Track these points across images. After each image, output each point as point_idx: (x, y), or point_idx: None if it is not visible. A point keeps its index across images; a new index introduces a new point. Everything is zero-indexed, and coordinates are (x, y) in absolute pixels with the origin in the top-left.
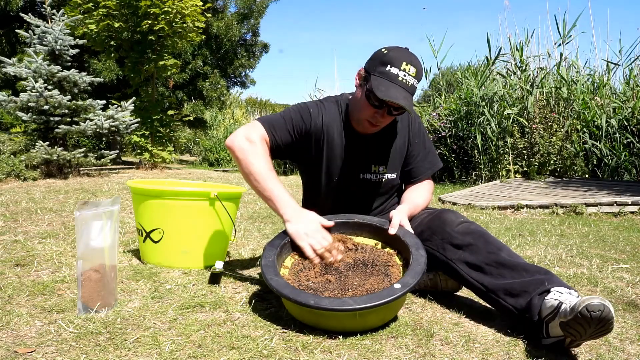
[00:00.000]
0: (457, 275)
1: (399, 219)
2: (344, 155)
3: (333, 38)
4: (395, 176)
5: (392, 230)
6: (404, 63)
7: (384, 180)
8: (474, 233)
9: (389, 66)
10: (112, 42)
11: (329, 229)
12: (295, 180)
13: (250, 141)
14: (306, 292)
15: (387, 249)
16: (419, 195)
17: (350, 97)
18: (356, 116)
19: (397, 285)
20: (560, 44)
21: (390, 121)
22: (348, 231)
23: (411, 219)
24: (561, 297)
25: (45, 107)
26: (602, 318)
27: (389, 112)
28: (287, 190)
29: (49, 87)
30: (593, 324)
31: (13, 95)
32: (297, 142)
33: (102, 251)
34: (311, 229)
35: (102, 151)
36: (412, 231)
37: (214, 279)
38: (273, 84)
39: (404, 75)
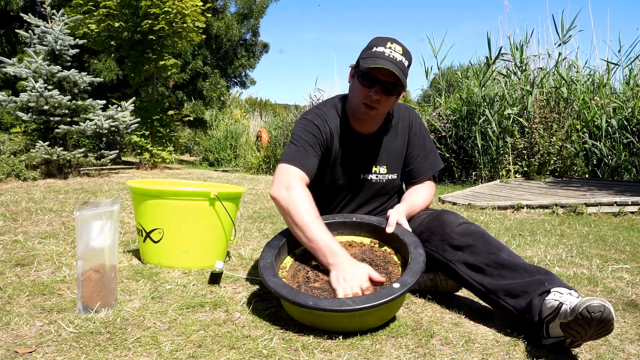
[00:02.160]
0: (457, 276)
1: (396, 217)
2: (346, 157)
3: (333, 38)
4: (396, 177)
5: (390, 229)
6: (389, 42)
7: (384, 180)
8: (474, 234)
9: (374, 47)
10: (112, 42)
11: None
12: None
13: (290, 189)
14: (304, 292)
15: (385, 248)
16: (419, 196)
17: (341, 97)
18: (353, 105)
19: (396, 285)
20: (560, 44)
21: (387, 106)
22: (346, 231)
23: (410, 219)
24: (561, 298)
25: (45, 107)
26: (603, 319)
27: (383, 92)
28: (333, 238)
29: (49, 87)
30: (593, 325)
31: (13, 95)
32: (319, 159)
33: (102, 251)
34: (349, 277)
35: (102, 151)
36: (410, 230)
37: (214, 279)
38: (273, 84)
39: (390, 52)
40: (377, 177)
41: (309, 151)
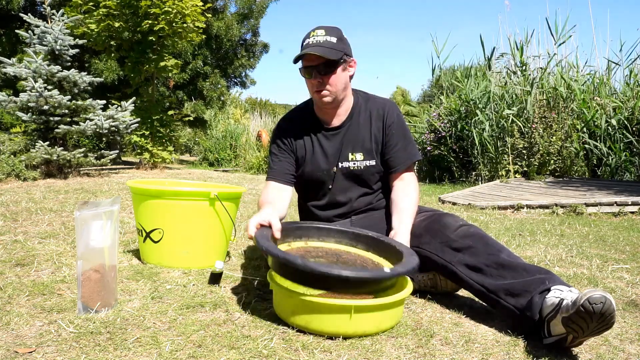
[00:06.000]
0: (457, 277)
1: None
2: (320, 149)
3: None
4: (374, 163)
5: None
6: (312, 32)
7: (362, 167)
8: (474, 236)
9: (303, 42)
10: (112, 42)
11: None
12: None
13: (261, 203)
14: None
15: (381, 260)
16: (410, 202)
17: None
18: (313, 100)
19: (386, 269)
20: (559, 45)
21: (337, 83)
22: (344, 240)
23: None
24: (562, 295)
25: (45, 107)
26: (604, 311)
27: (320, 73)
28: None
29: (49, 87)
30: (595, 317)
31: (13, 95)
32: (292, 156)
33: (102, 251)
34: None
35: (102, 151)
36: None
37: (214, 279)
38: (273, 84)
39: (313, 39)
40: (354, 164)
41: (279, 157)
